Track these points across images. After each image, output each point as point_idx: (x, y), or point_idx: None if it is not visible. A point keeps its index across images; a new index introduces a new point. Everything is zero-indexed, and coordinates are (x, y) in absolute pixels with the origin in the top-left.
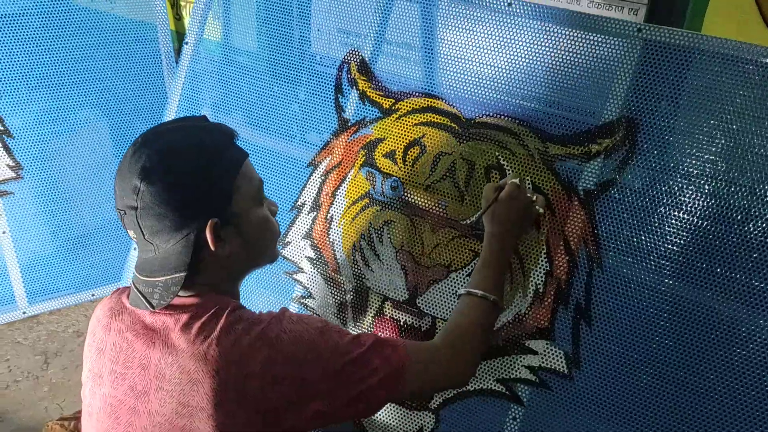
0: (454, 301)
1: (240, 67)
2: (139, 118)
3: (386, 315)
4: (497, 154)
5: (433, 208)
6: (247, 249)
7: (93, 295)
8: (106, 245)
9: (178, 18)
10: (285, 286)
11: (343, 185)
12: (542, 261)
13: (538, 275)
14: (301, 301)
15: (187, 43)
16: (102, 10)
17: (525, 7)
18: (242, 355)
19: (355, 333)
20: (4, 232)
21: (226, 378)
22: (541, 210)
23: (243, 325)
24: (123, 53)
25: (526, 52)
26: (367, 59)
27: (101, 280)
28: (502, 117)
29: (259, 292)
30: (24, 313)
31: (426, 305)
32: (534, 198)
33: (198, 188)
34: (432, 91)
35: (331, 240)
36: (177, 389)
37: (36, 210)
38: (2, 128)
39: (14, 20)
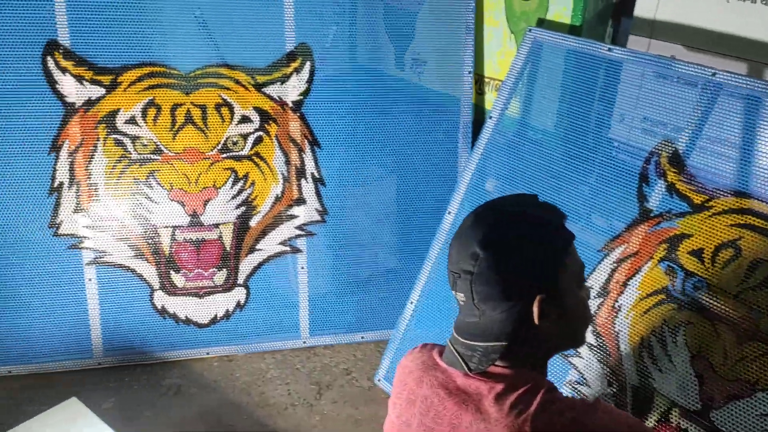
0: (758, 424)
1: (533, 144)
2: (428, 179)
3: (672, 423)
4: None
5: (743, 317)
6: (563, 329)
7: (362, 337)
8: (382, 293)
9: (480, 93)
10: (558, 366)
11: (637, 276)
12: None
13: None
14: (575, 386)
15: (491, 117)
16: (410, 80)
17: None
18: None
19: None
20: (302, 268)
21: None
22: None
23: (558, 406)
24: (424, 120)
25: None
26: (680, 151)
27: (372, 324)
28: None
29: None
30: (304, 342)
31: (722, 421)
32: None
33: (532, 262)
34: (752, 192)
35: (616, 330)
36: None
37: (330, 252)
38: (318, 177)
39: (337, 83)
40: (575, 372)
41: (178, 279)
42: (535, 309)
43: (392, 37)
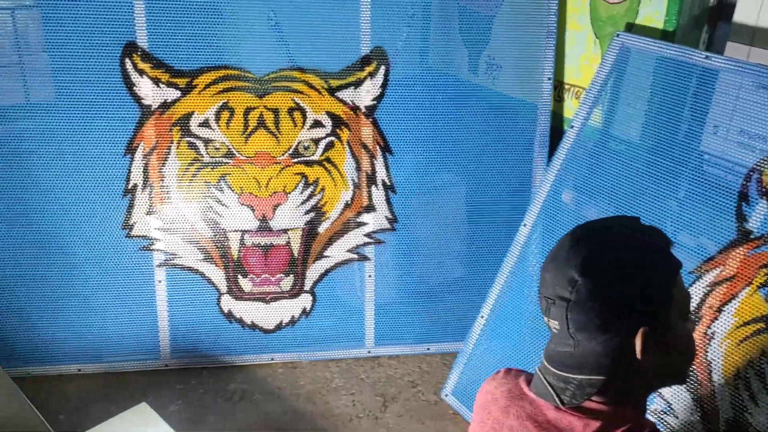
0: None
1: (616, 156)
2: (499, 188)
3: None
4: None
5: None
6: (667, 365)
7: (428, 348)
8: (450, 304)
9: (558, 100)
10: None
11: (734, 302)
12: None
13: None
14: (661, 416)
15: (572, 127)
16: (485, 85)
17: None
18: None
19: None
20: (369, 276)
21: None
22: None
23: None
24: (498, 126)
25: None
26: None
27: (438, 336)
28: None
29: None
30: (369, 352)
31: None
32: None
33: (636, 291)
34: None
35: (708, 358)
36: None
37: (398, 260)
38: (389, 184)
39: (410, 88)
40: (661, 400)
41: (245, 283)
42: (638, 342)
43: (467, 40)
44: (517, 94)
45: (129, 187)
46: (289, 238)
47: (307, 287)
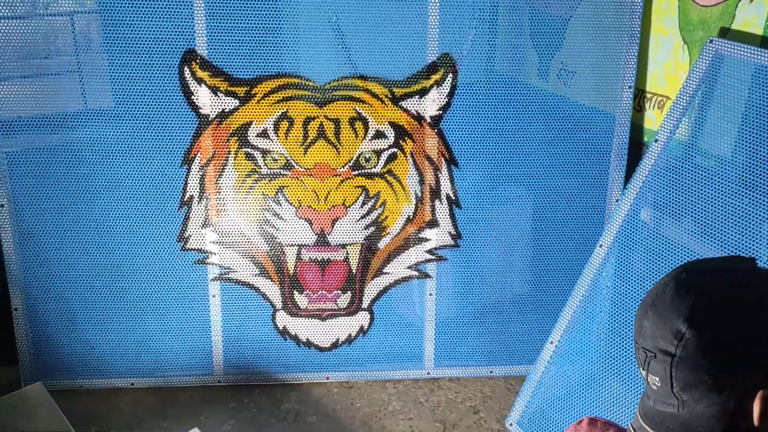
0: None
1: (703, 172)
2: (570, 203)
3: None
4: None
5: None
6: None
7: (491, 372)
8: (515, 325)
9: (638, 110)
10: None
11: None
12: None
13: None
14: None
15: (656, 140)
16: (556, 93)
17: None
18: None
19: None
20: (430, 294)
21: None
22: None
23: None
24: (571, 138)
25: None
26: None
27: (502, 359)
28: None
29: None
30: (428, 373)
31: None
32: None
33: (755, 347)
34: None
35: None
36: None
37: (461, 278)
38: (454, 198)
39: (477, 96)
40: None
41: (301, 300)
42: (756, 406)
43: (537, 45)
44: (592, 103)
45: (185, 199)
46: (347, 253)
47: (364, 304)
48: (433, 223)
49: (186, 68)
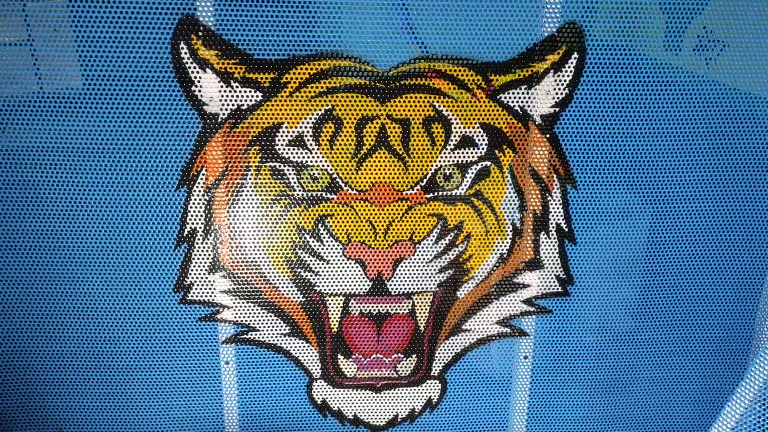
0: None
1: None
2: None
3: None
4: None
5: None
6: None
7: None
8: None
9: None
10: None
11: None
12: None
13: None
14: None
15: None
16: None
17: None
18: None
19: None
20: (525, 357)
21: None
22: None
23: None
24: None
25: None
26: None
27: None
28: None
29: None
30: None
31: None
32: None
33: None
34: None
35: None
36: None
37: (570, 338)
38: (566, 230)
39: (608, 87)
40: None
41: (347, 366)
42: None
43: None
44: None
45: (185, 234)
46: (413, 304)
47: (434, 371)
48: (535, 264)
49: (183, 44)
